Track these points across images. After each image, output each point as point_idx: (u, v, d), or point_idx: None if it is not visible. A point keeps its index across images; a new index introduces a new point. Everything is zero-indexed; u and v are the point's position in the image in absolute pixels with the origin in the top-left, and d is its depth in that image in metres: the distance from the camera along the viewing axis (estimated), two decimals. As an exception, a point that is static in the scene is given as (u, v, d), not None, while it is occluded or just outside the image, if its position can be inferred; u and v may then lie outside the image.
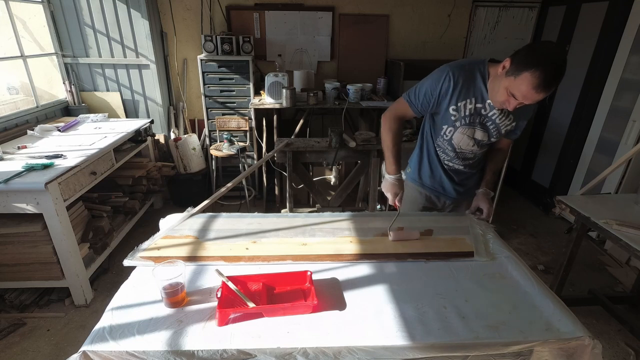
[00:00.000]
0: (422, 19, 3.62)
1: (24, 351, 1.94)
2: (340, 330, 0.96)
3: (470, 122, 1.42)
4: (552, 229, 3.26)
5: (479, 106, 1.38)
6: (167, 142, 3.54)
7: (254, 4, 3.48)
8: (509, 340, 0.93)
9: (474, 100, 1.37)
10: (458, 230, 1.46)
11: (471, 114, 1.40)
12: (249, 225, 1.47)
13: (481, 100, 1.37)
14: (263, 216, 1.55)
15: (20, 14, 2.99)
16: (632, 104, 2.72)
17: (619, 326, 2.16)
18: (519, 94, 1.18)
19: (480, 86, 1.34)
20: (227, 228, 1.44)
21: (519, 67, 1.15)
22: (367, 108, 3.24)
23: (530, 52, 1.15)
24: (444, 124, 1.46)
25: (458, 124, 1.43)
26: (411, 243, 1.36)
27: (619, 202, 1.97)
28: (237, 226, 1.46)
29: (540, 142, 3.68)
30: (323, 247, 1.33)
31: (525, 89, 1.15)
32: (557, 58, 1.12)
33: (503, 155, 1.63)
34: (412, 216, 1.59)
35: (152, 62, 3.36)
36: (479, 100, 1.37)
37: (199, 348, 0.89)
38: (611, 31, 2.86)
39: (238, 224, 1.48)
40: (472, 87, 1.35)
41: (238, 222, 1.49)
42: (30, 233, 2.06)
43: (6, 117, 2.70)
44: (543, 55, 1.13)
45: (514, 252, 1.31)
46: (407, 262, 1.26)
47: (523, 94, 1.17)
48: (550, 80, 1.12)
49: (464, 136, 1.46)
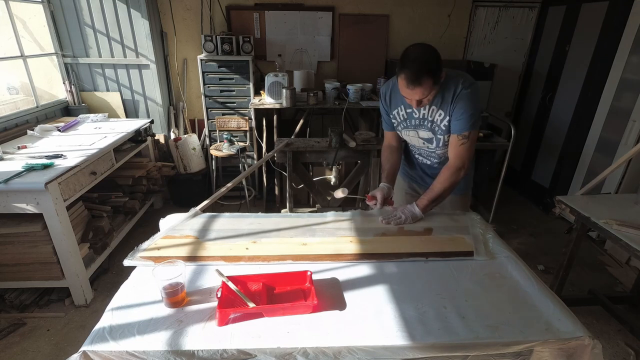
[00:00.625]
0: (422, 19, 3.62)
1: (24, 351, 1.94)
2: (340, 330, 0.96)
3: (409, 125, 1.59)
4: (552, 229, 3.26)
5: (409, 111, 1.55)
6: (167, 142, 3.54)
7: (254, 4, 3.48)
8: (509, 340, 0.93)
9: (403, 107, 1.56)
10: (458, 229, 1.46)
11: (405, 118, 1.58)
12: (249, 225, 1.47)
13: (408, 105, 1.50)
14: (264, 216, 1.56)
15: (20, 14, 2.99)
16: (632, 104, 2.72)
17: (619, 326, 2.16)
18: (402, 93, 1.38)
19: (399, 95, 1.46)
20: (228, 228, 1.44)
21: (396, 72, 1.35)
22: (367, 108, 3.24)
23: (400, 57, 1.34)
24: (395, 128, 1.67)
25: (400, 128, 1.63)
26: (411, 243, 1.36)
27: (619, 202, 1.97)
28: (238, 226, 1.46)
29: (540, 142, 3.68)
30: (323, 247, 1.33)
31: (401, 89, 1.36)
32: (415, 57, 1.29)
33: (446, 174, 1.51)
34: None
35: (152, 62, 3.36)
36: (407, 106, 1.53)
37: (199, 348, 0.89)
38: (611, 31, 2.85)
39: (239, 224, 1.48)
40: (397, 97, 1.54)
41: (239, 222, 1.49)
42: (30, 233, 2.06)
43: (6, 117, 2.70)
44: (405, 57, 1.32)
45: (514, 252, 1.32)
46: (407, 262, 1.26)
47: (404, 93, 1.37)
48: (412, 79, 1.29)
49: (411, 137, 1.65)
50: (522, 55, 3.83)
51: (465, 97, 1.41)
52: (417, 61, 1.28)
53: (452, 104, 1.43)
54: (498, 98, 3.77)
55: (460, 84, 1.41)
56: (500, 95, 3.84)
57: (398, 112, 1.58)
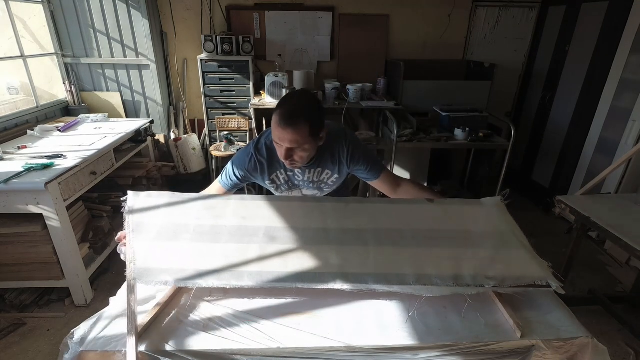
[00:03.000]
0: (422, 19, 3.62)
1: (24, 351, 1.94)
2: (340, 330, 0.95)
3: (292, 186, 1.47)
4: (552, 229, 3.26)
5: (290, 174, 1.42)
6: (167, 142, 3.54)
7: (254, 4, 3.48)
8: (509, 340, 0.93)
9: (283, 170, 1.41)
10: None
11: (287, 181, 1.44)
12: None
13: (289, 169, 1.39)
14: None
15: (20, 14, 2.99)
16: (632, 104, 2.72)
17: (619, 326, 2.16)
18: (274, 134, 1.22)
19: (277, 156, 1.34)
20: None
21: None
22: (367, 108, 3.25)
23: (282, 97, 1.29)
24: (273, 192, 1.51)
25: (280, 192, 1.49)
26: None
27: (619, 202, 1.97)
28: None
29: (540, 142, 3.68)
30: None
31: (274, 129, 1.20)
32: (298, 101, 1.22)
33: (417, 188, 1.43)
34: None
35: (152, 62, 3.36)
36: (287, 169, 1.40)
37: (199, 348, 0.89)
38: (611, 31, 2.86)
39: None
40: (275, 160, 1.37)
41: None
42: (30, 233, 2.06)
43: (6, 117, 2.70)
44: (286, 96, 1.29)
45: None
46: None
47: (275, 134, 1.21)
48: (286, 117, 1.16)
49: (291, 194, 1.51)
50: (522, 55, 3.83)
51: (357, 157, 1.37)
52: (299, 105, 1.20)
53: (341, 165, 1.39)
54: (498, 98, 3.76)
55: (340, 145, 1.36)
56: (500, 95, 3.83)
57: (277, 177, 1.42)
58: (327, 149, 1.36)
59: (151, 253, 1.01)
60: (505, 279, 1.00)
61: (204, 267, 0.99)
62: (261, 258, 1.03)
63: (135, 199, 1.13)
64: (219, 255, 1.03)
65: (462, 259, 1.05)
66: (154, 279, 0.95)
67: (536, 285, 1.00)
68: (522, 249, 1.10)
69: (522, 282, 1.00)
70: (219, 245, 1.06)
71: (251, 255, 1.03)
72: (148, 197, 1.15)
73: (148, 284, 0.95)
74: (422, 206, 1.23)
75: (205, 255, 1.02)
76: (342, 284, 0.97)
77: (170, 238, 1.05)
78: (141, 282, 0.94)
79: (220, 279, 0.97)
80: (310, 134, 1.19)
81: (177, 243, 1.05)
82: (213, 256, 1.02)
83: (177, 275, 0.96)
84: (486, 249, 1.08)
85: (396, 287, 0.98)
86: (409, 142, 2.91)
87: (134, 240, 1.03)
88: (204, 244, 1.06)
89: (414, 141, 2.91)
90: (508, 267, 1.03)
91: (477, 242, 1.11)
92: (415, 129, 3.06)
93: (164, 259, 1.00)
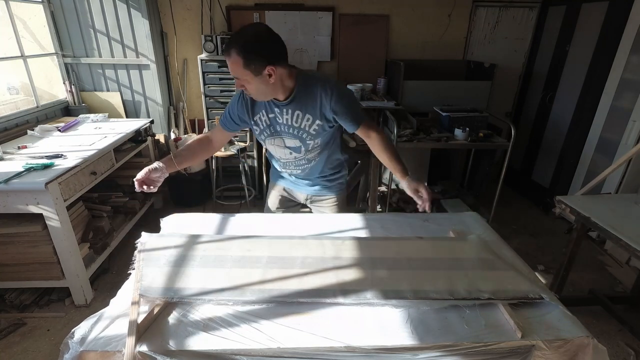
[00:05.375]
0: (422, 19, 3.62)
1: (24, 351, 1.95)
2: (340, 330, 0.95)
3: (274, 132, 1.46)
4: (552, 229, 3.26)
5: (271, 116, 1.42)
6: (167, 142, 3.54)
7: (254, 4, 3.48)
8: (509, 340, 0.93)
9: (264, 112, 1.42)
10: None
11: (269, 124, 1.45)
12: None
13: (270, 109, 1.41)
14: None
15: (20, 14, 2.99)
16: (632, 104, 2.72)
17: (619, 326, 2.16)
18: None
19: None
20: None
21: None
22: (367, 108, 3.24)
23: None
24: (258, 138, 1.53)
25: (264, 137, 1.49)
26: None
27: (619, 202, 1.97)
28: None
29: (540, 142, 3.68)
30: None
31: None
32: (242, 30, 1.22)
33: (382, 145, 1.46)
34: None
35: (152, 62, 3.36)
36: (269, 111, 1.41)
37: (199, 348, 0.89)
38: (611, 31, 2.86)
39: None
40: (259, 102, 1.40)
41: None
42: (30, 233, 2.06)
43: (6, 117, 2.70)
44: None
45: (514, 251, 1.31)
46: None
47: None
48: (225, 46, 1.21)
49: (276, 147, 1.52)
50: (522, 55, 3.83)
51: (340, 101, 1.35)
52: (241, 36, 1.20)
53: (323, 108, 1.37)
54: (498, 98, 3.77)
55: (323, 87, 1.34)
56: (500, 95, 3.84)
57: (260, 118, 1.44)
58: (308, 91, 1.35)
59: (158, 274, 1.08)
60: (498, 292, 1.06)
61: (208, 286, 1.05)
62: (263, 280, 1.09)
63: (149, 239, 1.24)
64: (223, 277, 1.10)
65: (456, 278, 1.11)
66: (158, 295, 1.01)
67: (530, 298, 1.05)
68: (511, 270, 1.17)
69: (515, 295, 1.05)
70: (223, 270, 1.13)
71: (254, 278, 1.10)
72: (160, 237, 1.27)
73: (154, 300, 1.00)
74: (413, 242, 1.31)
75: (209, 277, 1.09)
76: (342, 299, 1.04)
77: (177, 265, 1.13)
78: (146, 298, 1.00)
79: (223, 295, 1.03)
80: (245, 66, 1.19)
81: (183, 268, 1.12)
82: (217, 278, 1.09)
83: (182, 293, 1.02)
84: (476, 270, 1.16)
85: (394, 302, 1.03)
86: (409, 142, 2.91)
87: (143, 266, 1.11)
88: (208, 269, 1.13)
89: (414, 141, 2.91)
90: (500, 283, 1.10)
91: (468, 266, 1.18)
92: (415, 129, 3.06)
93: (170, 279, 1.07)
